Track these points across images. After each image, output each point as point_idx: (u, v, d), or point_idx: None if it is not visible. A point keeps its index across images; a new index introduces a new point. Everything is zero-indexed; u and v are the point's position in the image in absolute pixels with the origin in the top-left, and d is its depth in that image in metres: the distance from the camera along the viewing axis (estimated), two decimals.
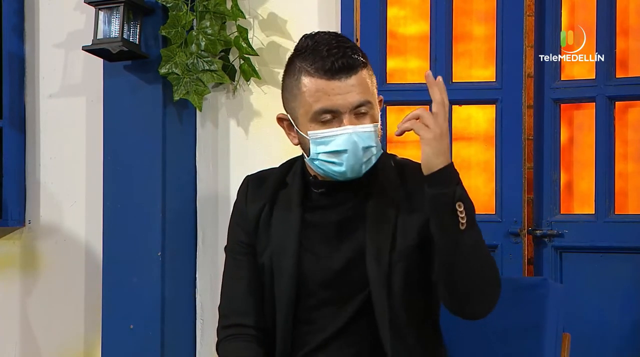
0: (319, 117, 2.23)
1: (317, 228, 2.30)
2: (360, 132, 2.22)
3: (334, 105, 2.22)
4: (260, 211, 2.35)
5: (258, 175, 2.43)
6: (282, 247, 2.30)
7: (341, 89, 2.22)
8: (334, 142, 2.23)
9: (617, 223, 3.47)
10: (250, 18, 3.79)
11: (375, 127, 2.25)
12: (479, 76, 3.65)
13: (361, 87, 2.23)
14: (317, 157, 2.25)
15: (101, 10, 3.73)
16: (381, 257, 2.22)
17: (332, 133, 2.23)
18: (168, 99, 3.78)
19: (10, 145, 4.16)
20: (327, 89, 2.22)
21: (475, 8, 3.67)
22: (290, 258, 2.29)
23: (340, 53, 2.21)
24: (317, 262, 2.28)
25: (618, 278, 3.45)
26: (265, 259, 2.33)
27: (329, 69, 2.21)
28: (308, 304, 2.30)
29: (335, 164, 2.24)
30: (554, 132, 3.56)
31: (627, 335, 3.44)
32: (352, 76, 2.22)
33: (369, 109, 2.24)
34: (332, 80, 2.22)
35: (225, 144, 3.87)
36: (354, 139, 2.22)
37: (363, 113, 2.24)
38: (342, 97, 2.22)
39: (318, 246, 2.27)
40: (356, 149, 2.22)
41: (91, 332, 4.02)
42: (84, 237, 4.06)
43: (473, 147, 3.68)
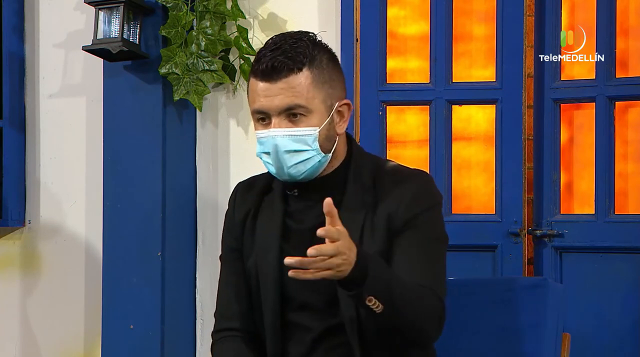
0: (255, 117, 2.27)
1: (295, 233, 2.31)
2: (282, 136, 2.23)
3: (262, 106, 2.24)
4: (245, 216, 2.37)
5: (248, 182, 2.44)
6: (265, 253, 2.31)
7: (269, 91, 2.22)
8: (262, 143, 2.26)
9: (617, 223, 3.47)
10: (250, 18, 3.80)
11: (310, 131, 2.23)
12: (479, 76, 3.65)
13: (292, 91, 2.22)
14: (260, 156, 2.29)
15: (101, 10, 3.73)
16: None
17: (260, 134, 2.26)
18: (168, 99, 3.78)
19: (10, 145, 4.16)
20: (257, 91, 2.24)
21: (475, 8, 3.67)
22: (272, 263, 2.30)
23: (277, 54, 2.21)
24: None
25: (618, 278, 3.45)
26: (250, 264, 2.34)
27: (260, 71, 2.22)
28: (293, 307, 2.30)
29: (270, 165, 2.28)
30: (554, 132, 3.56)
31: (627, 335, 3.44)
32: (282, 79, 2.21)
33: (302, 112, 2.23)
34: (262, 81, 2.23)
35: (225, 144, 3.87)
36: (274, 142, 2.23)
37: (295, 117, 2.24)
38: (269, 99, 2.22)
39: (296, 251, 2.27)
40: (277, 152, 2.23)
41: (91, 332, 4.02)
42: (84, 237, 4.06)
43: (473, 147, 3.68)
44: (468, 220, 3.60)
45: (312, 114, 2.24)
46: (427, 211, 2.26)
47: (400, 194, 2.25)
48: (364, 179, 2.29)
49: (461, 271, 2.36)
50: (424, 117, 3.65)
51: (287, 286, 2.29)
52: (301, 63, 2.21)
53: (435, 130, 3.61)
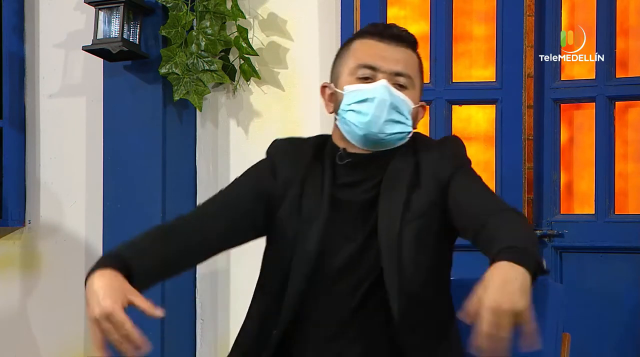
0: (359, 71, 2.30)
1: (342, 207, 2.29)
2: (394, 92, 2.28)
3: (375, 62, 2.29)
4: (290, 181, 2.32)
5: (289, 144, 2.41)
6: (310, 222, 2.27)
7: (387, 52, 2.30)
8: (364, 91, 2.28)
9: (617, 223, 3.47)
10: (250, 18, 3.80)
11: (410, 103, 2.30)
12: (479, 76, 3.65)
13: (406, 62, 2.31)
14: (347, 108, 2.30)
15: (101, 10, 3.73)
16: (393, 222, 2.22)
17: (366, 86, 2.29)
18: (168, 99, 3.78)
19: (10, 145, 4.16)
20: (374, 48, 2.30)
21: (475, 8, 3.67)
22: (314, 232, 2.26)
23: (394, 26, 2.34)
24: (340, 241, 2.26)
25: (618, 278, 3.45)
26: (290, 229, 2.28)
27: (381, 33, 2.32)
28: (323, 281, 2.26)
29: (361, 114, 2.28)
30: (554, 132, 3.56)
31: (627, 335, 3.44)
32: (401, 48, 2.32)
33: (407, 85, 2.30)
34: (381, 42, 2.31)
35: (225, 144, 3.87)
36: (384, 91, 2.27)
37: (401, 85, 2.30)
38: (386, 59, 2.30)
39: (343, 223, 2.26)
40: (383, 101, 2.27)
41: None
42: (84, 237, 4.07)
43: (473, 147, 3.68)
44: None
45: (412, 90, 2.32)
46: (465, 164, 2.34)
47: (440, 151, 2.31)
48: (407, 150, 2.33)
49: (462, 271, 2.35)
50: (424, 117, 3.64)
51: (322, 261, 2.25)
52: (413, 45, 2.35)
53: (435, 130, 3.61)
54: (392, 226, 2.22)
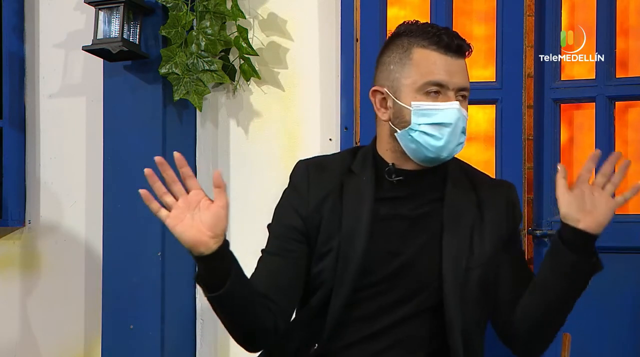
0: (427, 88, 2.25)
1: (390, 220, 2.26)
2: (464, 114, 2.28)
3: (444, 80, 2.25)
4: (323, 200, 2.29)
5: (316, 162, 2.37)
6: (351, 236, 2.25)
7: (453, 67, 2.27)
8: (439, 115, 2.24)
9: (617, 223, 3.46)
10: (250, 18, 3.79)
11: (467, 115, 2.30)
12: (479, 76, 3.65)
13: (466, 73, 2.31)
14: (418, 128, 2.24)
15: (101, 10, 3.73)
16: (459, 261, 2.21)
17: (439, 106, 2.24)
18: (168, 99, 3.78)
19: (10, 145, 4.16)
20: (441, 63, 2.26)
21: (475, 8, 3.67)
22: (358, 247, 2.24)
23: (454, 35, 2.28)
24: (385, 255, 2.25)
25: (618, 278, 3.45)
26: (332, 245, 2.26)
27: (446, 45, 2.26)
28: (366, 295, 2.26)
29: (434, 138, 2.24)
30: (554, 132, 3.56)
31: (627, 335, 3.44)
32: (462, 59, 2.30)
33: (467, 96, 2.31)
34: (446, 56, 2.27)
35: (225, 144, 3.87)
36: (459, 115, 2.25)
37: (463, 97, 2.29)
38: (453, 74, 2.27)
39: (389, 238, 2.24)
40: (457, 127, 2.25)
41: (91, 332, 4.02)
42: (84, 237, 4.06)
43: (473, 147, 3.68)
44: None
45: (466, 100, 2.33)
46: (520, 221, 2.37)
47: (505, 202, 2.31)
48: (461, 181, 2.29)
49: None
50: None
51: (368, 273, 2.25)
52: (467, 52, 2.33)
53: None
54: (458, 269, 2.22)
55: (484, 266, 2.22)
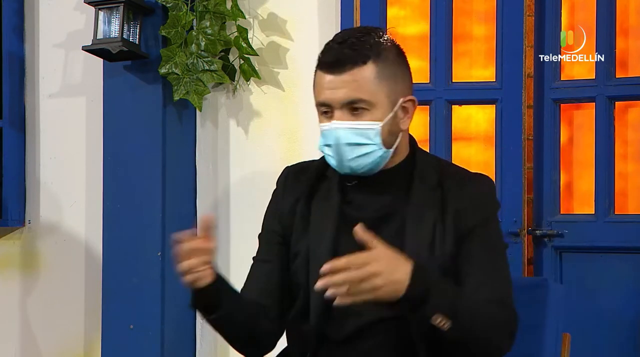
0: (319, 109, 2.26)
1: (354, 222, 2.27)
2: (345, 129, 2.22)
3: (326, 99, 2.22)
4: (295, 202, 2.34)
5: (299, 166, 2.42)
6: (319, 238, 2.28)
7: (332, 84, 2.21)
8: (324, 136, 2.25)
9: (617, 223, 3.47)
10: (250, 18, 3.79)
11: (372, 125, 2.23)
12: (479, 76, 3.65)
13: (356, 84, 2.21)
14: (322, 150, 2.27)
15: (101, 10, 3.73)
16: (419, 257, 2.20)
17: (323, 127, 2.25)
18: (168, 99, 3.78)
19: (10, 145, 4.16)
20: (321, 82, 2.23)
21: (475, 8, 3.67)
22: (325, 250, 2.26)
23: (343, 47, 2.20)
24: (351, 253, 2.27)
25: (618, 278, 3.45)
26: (301, 247, 2.31)
27: (325, 62, 2.22)
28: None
29: (331, 157, 2.26)
30: (554, 132, 3.56)
31: (627, 335, 3.44)
32: (347, 72, 2.20)
33: (364, 107, 2.22)
34: (326, 73, 2.22)
35: (225, 144, 3.87)
36: (336, 134, 2.22)
37: (357, 110, 2.23)
38: (332, 91, 2.21)
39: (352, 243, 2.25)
40: (338, 145, 2.22)
41: (91, 332, 4.02)
42: (84, 237, 4.06)
43: (473, 147, 3.68)
44: None
45: (375, 108, 2.23)
46: (493, 216, 2.26)
47: (469, 194, 2.24)
48: (430, 178, 2.27)
49: None
50: (423, 117, 3.65)
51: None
52: (366, 56, 2.21)
53: (435, 130, 3.61)
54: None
55: (444, 265, 2.20)
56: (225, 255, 3.86)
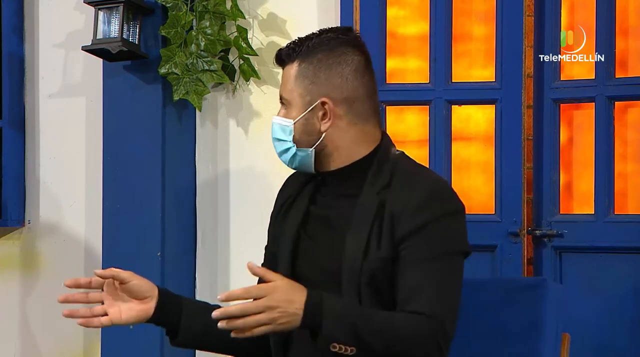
0: None
1: (312, 218, 2.32)
2: (274, 123, 2.30)
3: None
4: (284, 201, 2.39)
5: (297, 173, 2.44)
6: (286, 236, 2.33)
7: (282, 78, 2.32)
8: None
9: (617, 223, 3.47)
10: (250, 18, 3.79)
11: (286, 122, 2.27)
12: (479, 76, 3.65)
13: (284, 80, 2.30)
14: None
15: (101, 10, 3.73)
16: (355, 262, 2.21)
17: None
18: (168, 99, 3.78)
19: (10, 145, 4.16)
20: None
21: (475, 8, 3.67)
22: (286, 246, 2.31)
23: (287, 45, 2.33)
24: (306, 254, 2.29)
25: (618, 278, 3.45)
26: (274, 243, 2.37)
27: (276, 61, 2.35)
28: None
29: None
30: (554, 132, 3.56)
31: (627, 335, 3.44)
32: (284, 68, 2.31)
33: (286, 104, 2.29)
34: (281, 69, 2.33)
35: (225, 144, 3.87)
36: (273, 128, 2.30)
37: (282, 106, 2.30)
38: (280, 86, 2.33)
39: (311, 238, 2.29)
40: (274, 138, 2.30)
41: (91, 332, 4.02)
42: (84, 237, 4.07)
43: (473, 147, 3.68)
44: (467, 220, 3.54)
45: (290, 106, 2.28)
46: (435, 222, 2.19)
47: (406, 199, 2.19)
48: (382, 178, 2.26)
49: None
50: (423, 117, 3.65)
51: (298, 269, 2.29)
52: (292, 56, 2.30)
53: (435, 131, 3.61)
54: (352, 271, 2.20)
55: (375, 269, 2.18)
56: (225, 255, 3.86)
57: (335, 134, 2.28)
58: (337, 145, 2.29)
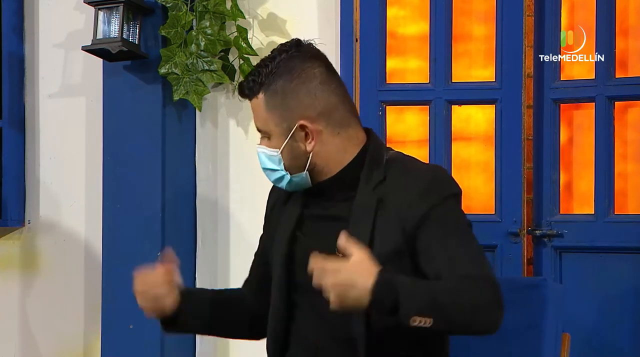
0: None
1: (306, 220, 2.33)
2: (260, 153, 2.31)
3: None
4: (274, 204, 2.43)
5: None
6: (280, 237, 2.35)
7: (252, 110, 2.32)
8: None
9: (617, 223, 3.47)
10: (250, 18, 3.80)
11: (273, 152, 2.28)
12: (479, 76, 3.65)
13: (255, 113, 2.30)
14: None
15: (101, 10, 3.73)
16: None
17: None
18: (168, 99, 3.78)
19: (10, 145, 4.16)
20: None
21: (475, 8, 3.67)
22: (282, 247, 2.33)
23: (248, 77, 2.29)
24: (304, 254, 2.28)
25: (618, 278, 3.45)
26: (267, 247, 2.41)
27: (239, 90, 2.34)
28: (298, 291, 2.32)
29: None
30: (554, 132, 3.56)
31: (627, 335, 3.44)
32: (253, 100, 2.29)
33: (266, 135, 2.29)
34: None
35: (225, 144, 3.87)
36: (258, 158, 2.32)
37: (262, 136, 2.31)
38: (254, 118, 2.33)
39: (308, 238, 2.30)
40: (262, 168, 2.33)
41: (91, 332, 4.02)
42: (84, 237, 4.07)
43: (472, 147, 3.68)
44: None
45: (271, 136, 2.29)
46: (441, 204, 2.20)
47: (408, 188, 2.21)
48: (376, 176, 2.26)
49: None
50: (423, 117, 3.65)
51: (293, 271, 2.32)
52: (257, 89, 2.27)
53: (435, 131, 3.61)
54: None
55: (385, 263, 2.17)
56: (225, 255, 3.86)
57: (321, 150, 2.28)
58: (325, 159, 2.29)
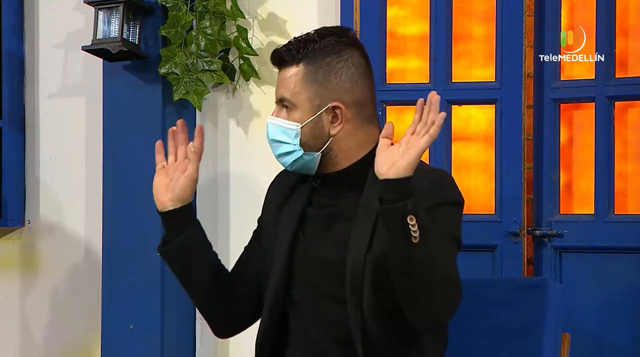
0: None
1: (310, 219, 2.32)
2: (272, 124, 2.29)
3: (276, 94, 2.31)
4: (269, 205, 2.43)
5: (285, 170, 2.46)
6: (283, 235, 2.34)
7: (279, 80, 2.31)
8: None
9: (617, 223, 3.47)
10: (250, 18, 3.80)
11: (291, 125, 2.27)
12: (479, 76, 3.65)
13: (285, 82, 2.28)
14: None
15: (101, 10, 3.73)
16: (357, 257, 2.22)
17: None
18: (168, 99, 3.78)
19: (10, 145, 4.16)
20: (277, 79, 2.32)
21: (475, 8, 3.67)
22: (284, 245, 2.32)
23: (289, 44, 2.28)
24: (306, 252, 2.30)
25: (618, 278, 3.45)
26: (265, 244, 2.38)
27: (272, 57, 2.31)
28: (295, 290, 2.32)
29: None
30: (554, 132, 3.56)
31: (627, 335, 3.44)
32: (283, 69, 2.29)
33: (289, 106, 2.28)
34: (278, 70, 2.32)
35: (225, 144, 3.87)
36: (267, 129, 2.30)
37: (283, 107, 2.29)
38: (278, 87, 2.31)
39: (307, 236, 2.30)
40: (268, 140, 2.31)
41: (91, 332, 4.02)
42: (84, 237, 4.07)
43: (472, 147, 3.68)
44: (467, 220, 3.53)
45: (296, 109, 2.28)
46: (438, 206, 2.22)
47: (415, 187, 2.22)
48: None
49: (460, 271, 2.36)
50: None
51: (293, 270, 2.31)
52: (297, 58, 2.27)
53: None
54: (355, 265, 2.22)
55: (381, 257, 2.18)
56: (225, 255, 3.86)
57: (342, 138, 2.29)
58: (342, 148, 2.30)
